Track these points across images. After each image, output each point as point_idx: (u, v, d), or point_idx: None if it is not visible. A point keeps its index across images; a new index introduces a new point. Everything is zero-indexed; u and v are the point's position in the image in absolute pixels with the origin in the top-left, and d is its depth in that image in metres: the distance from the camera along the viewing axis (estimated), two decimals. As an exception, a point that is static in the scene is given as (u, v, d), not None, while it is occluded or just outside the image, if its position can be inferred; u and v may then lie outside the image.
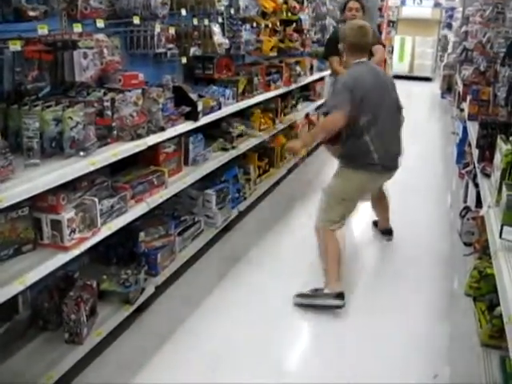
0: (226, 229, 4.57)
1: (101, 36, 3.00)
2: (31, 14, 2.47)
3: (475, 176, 4.41)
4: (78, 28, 2.87)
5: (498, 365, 2.76)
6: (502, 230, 2.58)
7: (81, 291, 2.82)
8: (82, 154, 2.68)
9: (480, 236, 3.93)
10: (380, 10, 7.58)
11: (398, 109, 3.79)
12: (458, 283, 3.86)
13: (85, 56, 2.82)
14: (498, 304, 2.51)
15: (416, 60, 16.14)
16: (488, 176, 3.55)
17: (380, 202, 4.52)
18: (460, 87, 7.65)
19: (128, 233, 3.38)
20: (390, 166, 3.71)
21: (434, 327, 3.39)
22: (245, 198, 4.90)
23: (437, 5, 16.64)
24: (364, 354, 3.10)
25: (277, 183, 5.89)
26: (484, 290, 3.36)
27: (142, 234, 3.45)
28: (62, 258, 2.52)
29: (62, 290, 2.87)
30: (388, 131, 3.64)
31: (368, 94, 3.49)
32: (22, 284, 2.26)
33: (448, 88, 11.87)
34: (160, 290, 3.53)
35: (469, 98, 5.61)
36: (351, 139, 3.58)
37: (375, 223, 4.80)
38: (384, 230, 4.63)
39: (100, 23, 3.04)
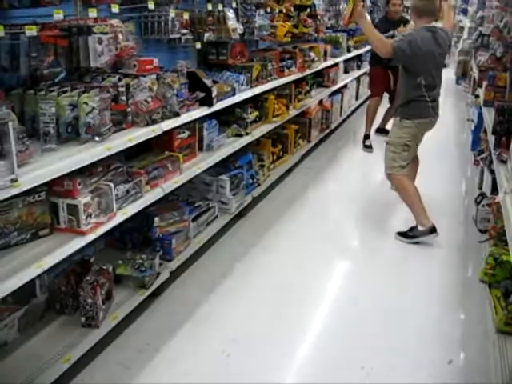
0: (240, 215, 4.59)
1: (115, 21, 3.00)
2: (47, -1, 2.47)
3: (491, 162, 4.38)
4: (92, 13, 2.87)
5: (513, 351, 2.75)
6: (519, 216, 2.56)
7: (97, 275, 2.84)
8: (97, 139, 2.69)
9: (495, 223, 3.91)
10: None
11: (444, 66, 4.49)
12: (473, 270, 3.84)
13: (100, 41, 2.82)
14: (514, 290, 2.50)
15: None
16: (504, 162, 3.52)
17: (413, 166, 4.70)
18: (475, 73, 7.56)
19: (143, 218, 3.40)
20: (437, 113, 4.40)
21: (449, 314, 3.38)
22: (259, 185, 4.90)
23: (453, -12, 16.41)
24: (377, 339, 3.10)
25: (290, 170, 5.88)
26: (499, 276, 3.35)
27: (156, 220, 3.47)
28: (78, 243, 2.54)
29: (78, 275, 2.90)
30: (437, 86, 4.33)
31: (425, 57, 4.09)
32: (40, 268, 2.29)
33: (463, 74, 11.74)
34: (175, 275, 3.55)
35: (484, 83, 5.54)
36: (412, 93, 4.22)
37: None
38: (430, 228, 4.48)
39: (115, 8, 3.04)
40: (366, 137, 7.09)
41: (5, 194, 2.09)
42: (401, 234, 4.36)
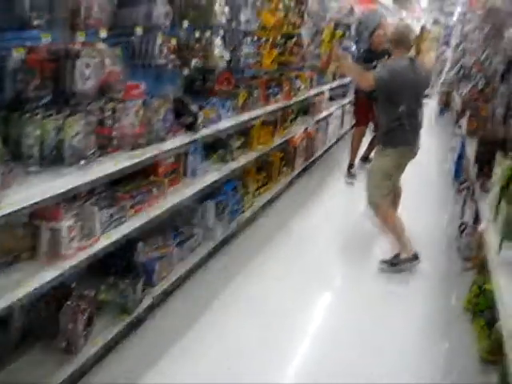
0: (225, 242, 4.56)
1: (103, 46, 3.01)
2: (35, 22, 2.48)
3: (473, 192, 4.42)
4: (81, 37, 2.87)
5: (497, 381, 2.74)
6: (501, 244, 2.58)
7: (78, 301, 2.80)
8: (82, 162, 2.67)
9: (478, 252, 3.93)
10: (381, 26, 7.74)
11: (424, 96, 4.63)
12: (457, 298, 3.85)
13: (87, 65, 2.82)
14: (497, 320, 2.51)
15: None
16: (487, 192, 3.56)
17: (396, 195, 4.82)
18: (458, 104, 7.69)
19: (127, 243, 3.36)
20: (417, 143, 4.51)
21: (433, 342, 3.38)
22: (243, 211, 4.89)
23: (435, 22, 16.80)
24: (359, 369, 3.08)
25: (275, 197, 5.88)
26: (483, 305, 3.35)
27: (140, 245, 3.44)
28: (60, 267, 2.50)
29: (59, 300, 2.85)
30: (418, 115, 4.44)
31: (405, 85, 4.22)
32: (20, 293, 2.24)
33: (446, 105, 11.93)
34: (158, 301, 3.51)
35: (467, 114, 5.64)
36: (394, 122, 4.29)
37: None
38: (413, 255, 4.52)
39: (103, 33, 3.04)
40: (351, 166, 7.15)
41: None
42: (384, 261, 4.38)
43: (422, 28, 5.02)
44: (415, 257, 4.32)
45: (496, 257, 2.63)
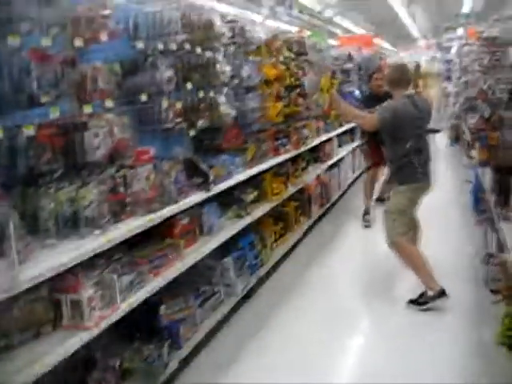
0: (247, 296, 4.51)
1: (110, 115, 3.09)
2: (43, 99, 2.56)
3: (494, 221, 4.36)
4: (88, 109, 2.95)
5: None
6: (527, 272, 2.52)
7: (103, 373, 2.77)
8: (97, 231, 2.70)
9: (507, 281, 3.83)
10: (380, 69, 7.87)
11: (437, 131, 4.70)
12: (489, 332, 3.73)
13: (96, 135, 2.89)
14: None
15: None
16: (507, 220, 3.51)
17: (415, 231, 4.73)
18: (467, 136, 7.70)
19: (148, 307, 3.33)
20: (429, 176, 4.47)
21: (469, 380, 3.26)
22: (262, 265, 4.85)
23: (434, 58, 17.05)
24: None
25: (293, 247, 5.84)
26: (518, 337, 3.24)
27: (162, 308, 3.41)
28: (82, 338, 2.49)
29: (83, 372, 2.82)
30: (424, 149, 4.43)
31: (409, 122, 4.27)
32: (43, 367, 2.23)
33: (456, 137, 11.95)
34: (184, 363, 3.46)
35: (477, 145, 5.63)
36: (401, 160, 4.34)
37: None
38: (439, 291, 4.36)
39: (109, 103, 3.12)
40: (366, 212, 7.02)
41: (6, 295, 2.06)
42: (412, 301, 4.29)
43: (417, 66, 5.19)
44: (442, 293, 4.19)
45: (524, 286, 2.57)
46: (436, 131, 15.37)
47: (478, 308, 4.20)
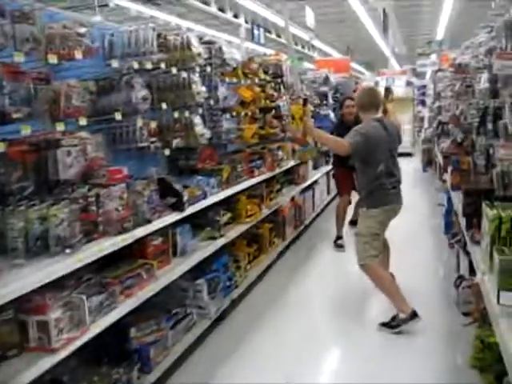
0: (220, 318, 4.45)
1: (84, 134, 3.05)
2: (15, 116, 2.52)
3: (465, 244, 4.41)
4: (60, 127, 2.92)
5: None
6: (498, 295, 2.54)
7: (71, 396, 2.69)
8: (67, 251, 2.65)
9: (477, 304, 3.86)
10: (350, 96, 7.88)
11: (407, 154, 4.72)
12: (461, 355, 3.75)
13: (68, 154, 2.85)
14: (506, 374, 2.43)
15: (395, 138, 16.49)
16: (478, 243, 3.54)
17: (385, 253, 4.83)
18: (440, 159, 7.82)
19: (118, 329, 3.27)
20: (399, 198, 4.56)
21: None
22: (236, 286, 4.81)
23: (409, 84, 17.36)
24: None
25: (267, 269, 5.81)
26: (489, 360, 3.25)
27: (133, 330, 3.35)
28: (49, 361, 2.43)
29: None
30: (395, 173, 4.49)
31: (380, 146, 4.33)
32: (8, 392, 2.16)
33: (428, 161, 12.13)
34: (154, 388, 3.39)
35: (450, 169, 5.72)
36: (373, 183, 4.38)
37: None
38: (411, 313, 4.30)
39: (82, 121, 3.09)
40: (338, 238, 6.95)
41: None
42: (384, 324, 4.28)
43: (387, 89, 5.38)
44: (414, 314, 4.17)
45: (496, 308, 2.58)
46: (407, 155, 15.62)
47: (450, 331, 4.22)
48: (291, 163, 6.85)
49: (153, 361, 3.35)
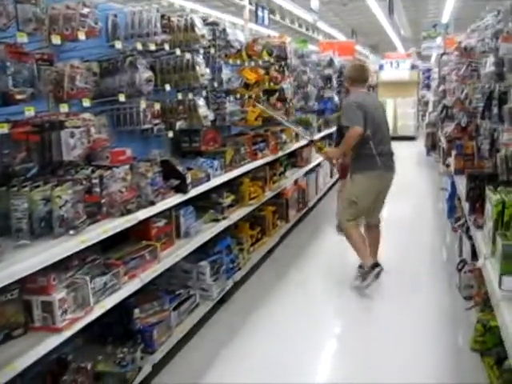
0: (222, 300, 4.48)
1: (87, 115, 3.05)
2: (18, 97, 2.51)
3: (468, 229, 4.41)
4: (64, 108, 2.91)
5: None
6: (500, 280, 2.55)
7: (75, 375, 2.73)
8: (71, 232, 2.66)
9: (479, 288, 3.88)
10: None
11: (387, 122, 4.98)
12: (463, 339, 3.77)
13: (72, 135, 2.84)
14: (506, 357, 2.45)
15: (399, 121, 16.43)
16: (481, 228, 3.55)
17: (372, 236, 5.05)
18: (444, 144, 7.79)
19: (122, 310, 3.30)
20: (389, 165, 4.75)
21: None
22: (239, 269, 4.84)
23: (413, 67, 17.24)
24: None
25: (270, 251, 5.83)
26: (490, 343, 3.27)
27: (136, 311, 3.37)
28: (54, 341, 2.45)
29: (55, 375, 2.77)
30: (385, 139, 4.75)
31: (369, 112, 4.58)
32: (13, 370, 2.18)
33: (432, 145, 12.07)
34: (158, 367, 3.42)
35: (453, 153, 5.70)
36: (360, 148, 4.60)
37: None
38: (372, 265, 4.78)
39: (86, 102, 3.08)
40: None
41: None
42: (357, 281, 4.75)
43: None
44: (375, 265, 4.64)
45: (497, 292, 2.59)
46: (412, 138, 15.57)
47: (452, 314, 4.24)
48: (294, 146, 6.83)
49: (156, 341, 3.38)
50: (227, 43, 4.74)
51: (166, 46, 3.80)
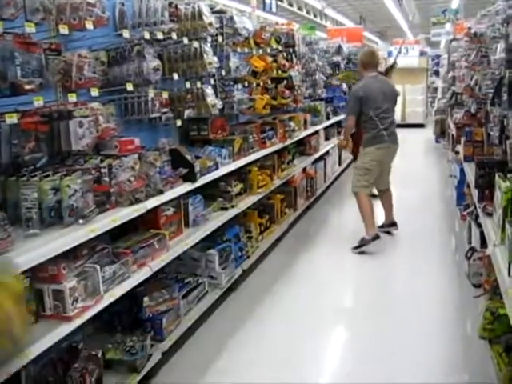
0: (231, 288, 4.50)
1: (95, 104, 3.05)
2: (27, 87, 2.52)
3: (477, 216, 4.40)
4: (72, 98, 2.92)
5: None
6: (510, 267, 2.55)
7: (86, 362, 2.75)
8: (81, 221, 2.68)
9: (488, 276, 3.87)
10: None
11: (395, 101, 5.77)
12: (472, 326, 3.78)
13: (80, 125, 2.85)
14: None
15: (407, 108, 16.30)
16: (490, 215, 3.53)
17: (386, 199, 5.98)
18: (453, 130, 7.73)
19: (132, 298, 3.33)
20: (394, 139, 5.60)
21: (451, 373, 3.29)
22: (248, 257, 4.85)
23: (422, 53, 17.09)
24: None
25: (279, 239, 5.84)
26: (499, 331, 3.28)
27: (145, 299, 3.39)
28: (65, 329, 2.47)
29: (66, 362, 2.80)
30: (390, 117, 5.56)
31: (374, 95, 5.44)
32: (25, 358, 2.21)
33: (441, 132, 12.00)
34: (167, 355, 3.45)
35: (463, 140, 5.67)
36: (367, 125, 5.51)
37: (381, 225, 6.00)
38: (389, 223, 5.97)
39: (94, 92, 3.09)
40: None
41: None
42: (354, 247, 5.38)
43: (394, 63, 7.05)
44: (375, 237, 5.36)
45: (507, 280, 2.59)
46: (421, 125, 15.47)
47: (461, 301, 4.24)
48: (303, 134, 6.82)
49: (165, 329, 3.40)
50: (235, 31, 4.72)
51: (174, 35, 3.79)
